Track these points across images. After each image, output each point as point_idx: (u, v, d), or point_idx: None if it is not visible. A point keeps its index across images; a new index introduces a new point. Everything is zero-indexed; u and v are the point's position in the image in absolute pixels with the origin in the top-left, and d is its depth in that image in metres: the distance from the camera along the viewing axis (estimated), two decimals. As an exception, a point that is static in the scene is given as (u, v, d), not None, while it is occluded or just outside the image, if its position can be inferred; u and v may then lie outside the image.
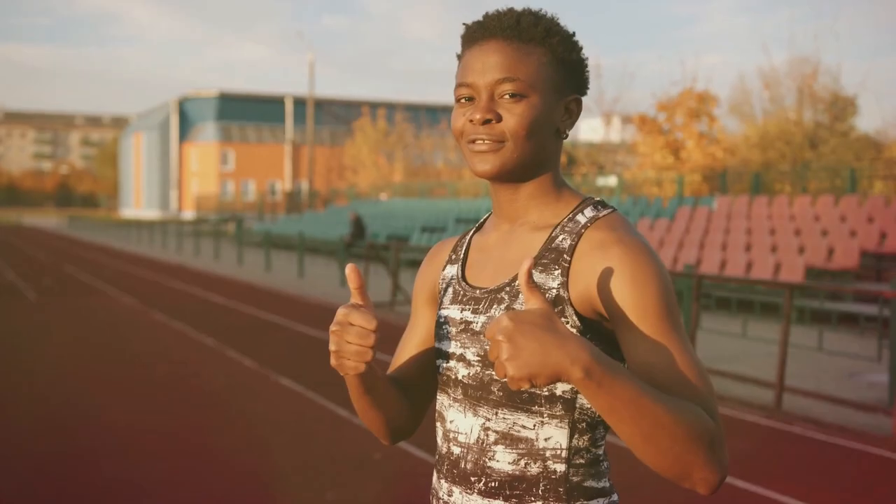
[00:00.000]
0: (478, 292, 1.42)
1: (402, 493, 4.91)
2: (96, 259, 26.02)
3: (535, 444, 1.33)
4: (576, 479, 1.34)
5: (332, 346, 1.30)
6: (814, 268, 12.31)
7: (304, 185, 58.96)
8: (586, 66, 1.43)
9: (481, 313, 1.38)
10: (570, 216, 1.39)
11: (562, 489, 1.33)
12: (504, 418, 1.35)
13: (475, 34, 1.40)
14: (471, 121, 1.36)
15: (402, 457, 5.43)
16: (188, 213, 64.45)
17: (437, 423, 1.47)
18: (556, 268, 1.34)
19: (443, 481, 1.43)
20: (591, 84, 1.50)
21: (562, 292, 1.32)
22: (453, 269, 1.51)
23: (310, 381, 7.75)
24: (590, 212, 1.38)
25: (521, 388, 1.16)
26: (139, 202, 79.98)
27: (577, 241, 1.34)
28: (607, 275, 1.28)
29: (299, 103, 66.10)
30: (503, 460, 1.35)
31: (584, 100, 1.47)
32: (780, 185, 20.89)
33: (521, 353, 1.14)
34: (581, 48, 1.42)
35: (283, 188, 60.67)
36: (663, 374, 1.25)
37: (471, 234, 1.55)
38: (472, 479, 1.37)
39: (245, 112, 71.70)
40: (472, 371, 1.39)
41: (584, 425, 1.34)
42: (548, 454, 1.33)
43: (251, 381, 8.03)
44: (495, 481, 1.35)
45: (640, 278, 1.27)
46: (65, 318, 12.39)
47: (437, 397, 1.48)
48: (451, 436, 1.42)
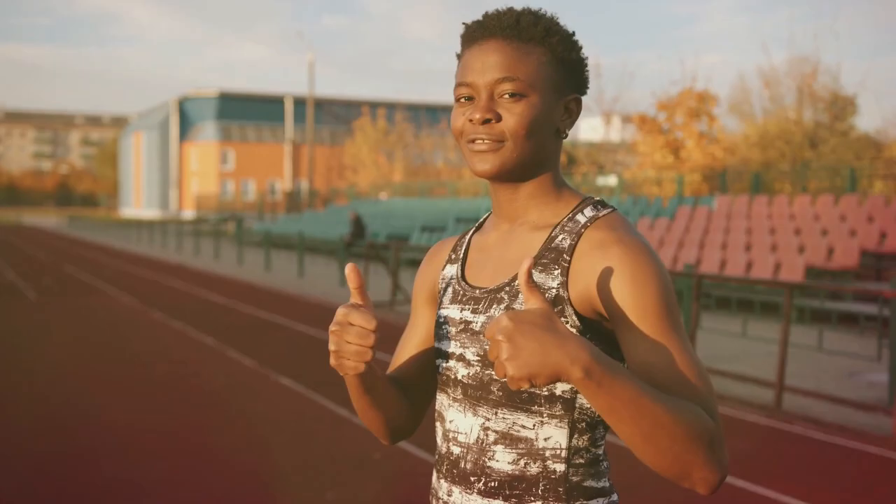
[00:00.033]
0: (477, 292, 1.41)
1: (402, 492, 4.91)
2: (96, 259, 26.02)
3: (535, 443, 1.33)
4: (575, 478, 1.34)
5: (331, 346, 1.30)
6: (814, 267, 12.31)
7: (303, 184, 58.96)
8: (586, 65, 1.43)
9: (481, 313, 1.38)
10: (570, 216, 1.39)
11: (561, 489, 1.33)
12: (504, 418, 1.35)
13: (475, 34, 1.40)
14: (470, 120, 1.36)
15: (401, 457, 5.43)
16: (188, 213, 64.44)
17: (437, 423, 1.47)
18: (556, 267, 1.34)
19: (442, 481, 1.43)
20: (591, 83, 1.50)
21: (561, 292, 1.32)
22: (453, 269, 1.51)
23: (310, 381, 7.75)
24: (589, 211, 1.38)
25: (521, 388, 1.16)
26: (139, 202, 79.99)
27: (577, 241, 1.34)
28: (607, 274, 1.28)
29: (299, 103, 66.09)
30: (503, 460, 1.35)
31: (584, 99, 1.47)
32: (779, 185, 20.91)
33: (520, 353, 1.14)
34: (581, 48, 1.42)
35: (282, 188, 60.67)
36: (663, 374, 1.25)
37: (470, 234, 1.55)
38: (472, 478, 1.37)
39: (245, 112, 71.69)
40: (471, 371, 1.38)
41: (583, 425, 1.34)
42: (547, 454, 1.33)
43: (251, 380, 8.03)
44: (495, 481, 1.35)
45: (639, 278, 1.27)
46: (65, 318, 12.39)
47: (437, 397, 1.48)
48: (451, 435, 1.41)
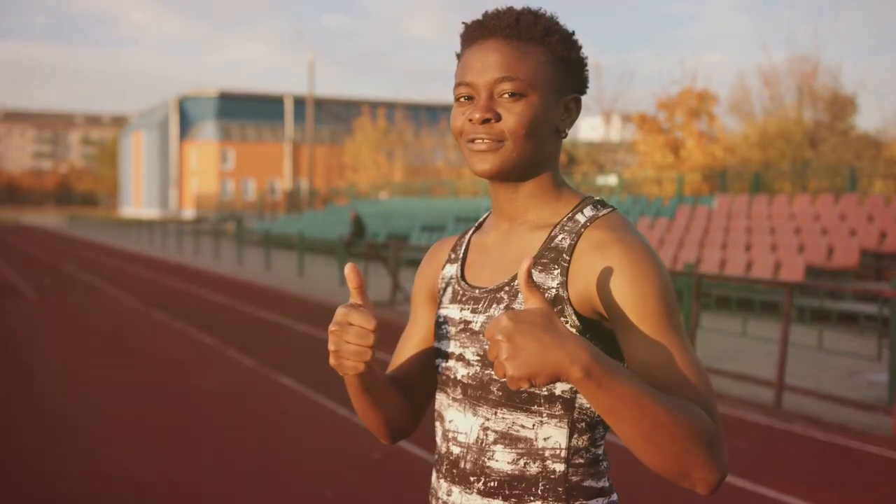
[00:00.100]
0: (477, 292, 1.41)
1: (402, 492, 4.91)
2: (96, 258, 26.02)
3: (535, 443, 1.33)
4: (575, 478, 1.34)
5: (331, 346, 1.30)
6: (814, 267, 12.31)
7: (303, 184, 58.92)
8: (586, 65, 1.43)
9: (480, 313, 1.38)
10: (570, 215, 1.38)
11: (561, 489, 1.33)
12: (503, 418, 1.35)
13: (474, 33, 1.40)
14: (470, 120, 1.36)
15: (401, 456, 5.43)
16: (188, 212, 64.42)
17: (437, 423, 1.47)
18: (556, 267, 1.33)
19: (442, 481, 1.42)
20: (591, 83, 1.50)
21: (561, 292, 1.32)
22: (452, 269, 1.51)
23: (310, 381, 7.75)
24: (589, 211, 1.38)
25: (521, 388, 1.15)
26: (139, 201, 79.98)
27: (577, 241, 1.34)
28: (607, 274, 1.28)
29: (299, 102, 66.07)
30: (502, 460, 1.34)
31: (584, 99, 1.46)
32: (779, 184, 20.90)
33: (520, 353, 1.13)
34: (580, 47, 1.41)
35: (282, 187, 60.65)
36: (663, 374, 1.25)
37: (470, 234, 1.54)
38: (472, 478, 1.37)
39: (245, 111, 71.67)
40: (471, 371, 1.38)
41: (583, 425, 1.34)
42: (547, 454, 1.33)
43: (251, 380, 8.03)
44: (494, 481, 1.35)
45: (639, 278, 1.27)
46: (64, 318, 12.39)
47: (437, 397, 1.48)
48: (451, 435, 1.41)
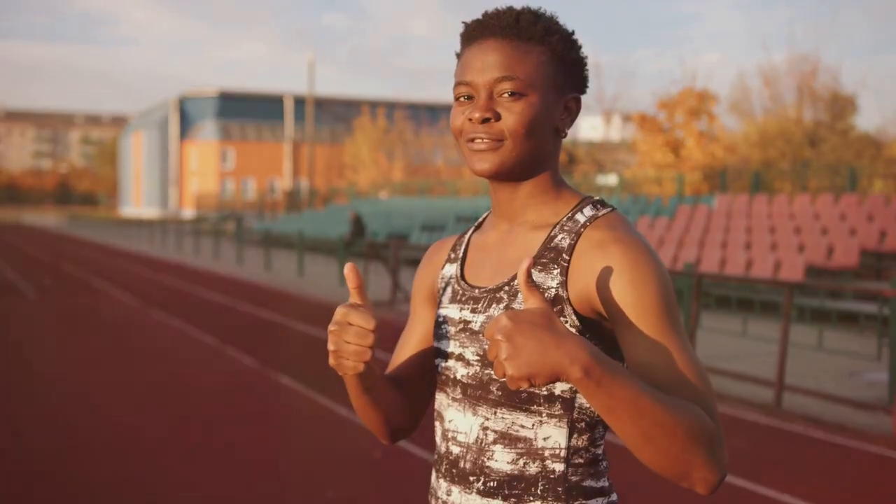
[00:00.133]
0: (477, 291, 1.41)
1: (402, 491, 4.91)
2: (96, 258, 26.02)
3: (534, 443, 1.33)
4: (575, 478, 1.34)
5: (330, 346, 1.30)
6: (814, 266, 12.32)
7: (303, 183, 58.93)
8: (585, 64, 1.43)
9: (480, 313, 1.38)
10: (570, 215, 1.38)
11: (560, 489, 1.33)
12: (503, 418, 1.34)
13: (474, 32, 1.40)
14: (470, 119, 1.36)
15: (401, 456, 5.43)
16: (188, 212, 64.44)
17: (436, 423, 1.46)
18: (555, 267, 1.33)
19: (441, 481, 1.42)
20: (591, 82, 1.50)
21: (561, 291, 1.32)
22: (452, 269, 1.51)
23: (309, 380, 7.75)
24: (589, 211, 1.38)
25: (520, 388, 1.15)
26: (139, 201, 79.98)
27: (577, 241, 1.34)
28: (606, 274, 1.28)
29: (299, 102, 66.04)
30: (502, 460, 1.34)
31: (584, 98, 1.46)
32: (780, 184, 20.92)
33: (520, 353, 1.13)
34: (580, 47, 1.41)
35: (282, 187, 60.64)
36: (662, 374, 1.24)
37: (470, 233, 1.54)
38: (471, 478, 1.37)
39: (245, 110, 71.66)
40: (470, 370, 1.38)
41: (582, 425, 1.34)
42: (546, 454, 1.33)
43: (251, 379, 8.03)
44: (494, 481, 1.35)
45: (639, 278, 1.26)
46: (64, 317, 12.39)
47: (436, 396, 1.48)
48: (450, 435, 1.41)
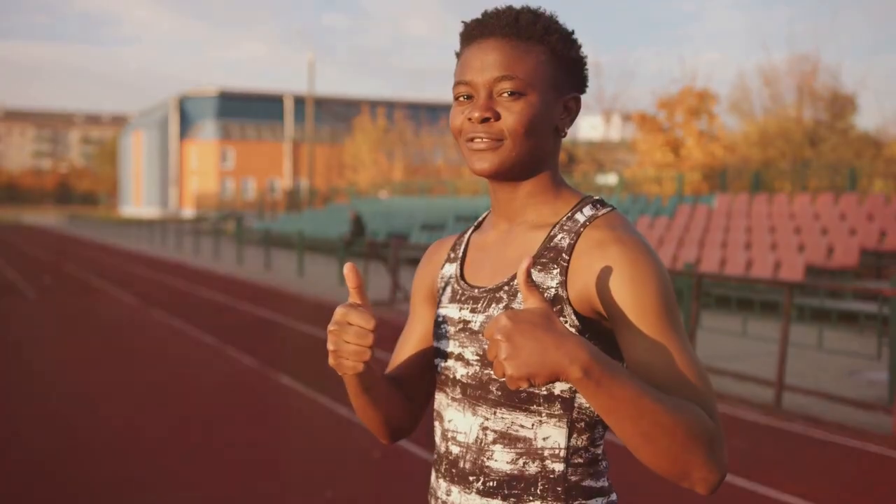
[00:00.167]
0: (476, 291, 1.41)
1: (401, 491, 4.91)
2: (96, 257, 26.02)
3: (534, 443, 1.33)
4: (574, 478, 1.34)
5: (330, 346, 1.30)
6: (814, 266, 12.32)
7: (303, 183, 58.93)
8: (585, 64, 1.43)
9: (480, 312, 1.38)
10: (569, 215, 1.38)
11: (560, 488, 1.33)
12: (502, 417, 1.34)
13: (474, 32, 1.39)
14: (469, 119, 1.35)
15: (401, 455, 5.43)
16: (188, 211, 64.43)
17: (436, 423, 1.46)
18: (555, 267, 1.33)
19: (441, 480, 1.42)
20: (591, 82, 1.50)
21: (560, 291, 1.32)
22: (452, 268, 1.51)
23: (309, 380, 7.75)
24: (588, 210, 1.38)
25: (520, 388, 1.15)
26: (139, 200, 79.96)
27: (576, 240, 1.34)
28: (606, 274, 1.27)
29: (299, 101, 66.05)
30: (501, 460, 1.34)
31: (584, 97, 1.46)
32: (779, 184, 20.92)
33: (519, 353, 1.13)
34: (580, 46, 1.41)
35: (282, 186, 60.64)
36: (662, 374, 1.24)
37: (469, 233, 1.54)
38: (471, 478, 1.37)
39: (245, 110, 71.64)
40: (470, 370, 1.38)
41: (582, 425, 1.34)
42: (546, 453, 1.33)
43: (251, 379, 8.03)
44: (493, 481, 1.35)
45: (638, 277, 1.26)
46: (64, 317, 12.39)
47: (436, 396, 1.47)
48: (450, 435, 1.41)
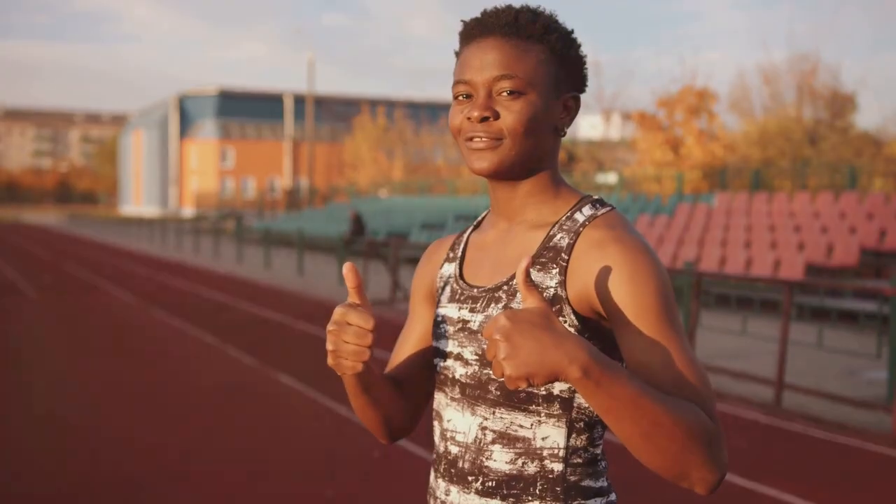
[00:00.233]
0: (475, 291, 1.41)
1: (401, 491, 4.91)
2: (96, 256, 26.01)
3: (533, 443, 1.33)
4: (573, 478, 1.33)
5: (329, 346, 1.30)
6: (813, 265, 12.31)
7: (303, 182, 58.93)
8: (585, 63, 1.43)
9: (479, 312, 1.38)
10: (569, 214, 1.38)
11: (559, 488, 1.32)
12: (501, 417, 1.34)
13: (473, 31, 1.39)
14: (469, 118, 1.35)
15: (401, 455, 5.43)
16: (188, 211, 64.42)
17: (435, 422, 1.46)
18: (554, 266, 1.33)
19: (440, 480, 1.42)
20: (591, 81, 1.50)
21: (559, 291, 1.31)
22: (451, 268, 1.51)
23: (309, 379, 7.75)
24: (588, 210, 1.38)
25: (519, 388, 1.15)
26: (139, 199, 79.97)
27: (576, 240, 1.33)
28: (605, 273, 1.27)
29: (299, 100, 66.05)
30: (500, 459, 1.34)
31: (584, 97, 1.46)
32: (779, 182, 20.93)
33: (518, 353, 1.13)
34: (579, 45, 1.41)
35: (282, 185, 60.64)
36: (661, 374, 1.24)
37: (469, 232, 1.54)
38: (470, 478, 1.36)
39: (245, 109, 71.64)
40: (469, 370, 1.38)
41: (581, 424, 1.34)
42: (545, 453, 1.33)
43: (251, 378, 8.02)
44: (493, 481, 1.34)
45: (638, 277, 1.26)
46: (64, 316, 12.38)
47: (435, 396, 1.47)
48: (449, 435, 1.41)
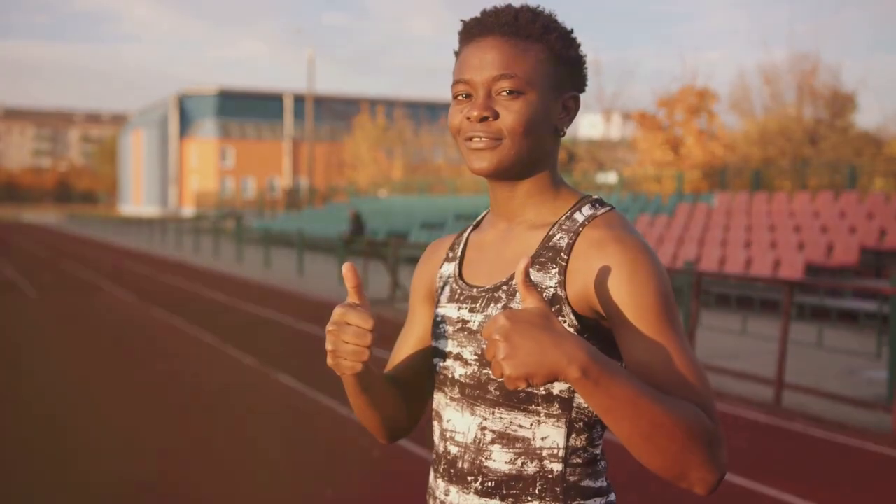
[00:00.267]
0: (475, 291, 1.41)
1: (401, 491, 4.91)
2: (96, 256, 26.01)
3: (532, 443, 1.33)
4: (573, 478, 1.33)
5: (328, 346, 1.29)
6: (813, 264, 12.31)
7: (303, 181, 58.93)
8: (584, 62, 1.42)
9: (478, 312, 1.37)
10: (568, 214, 1.38)
11: (559, 488, 1.32)
12: (501, 417, 1.34)
13: (473, 31, 1.39)
14: (468, 118, 1.35)
15: (400, 455, 5.43)
16: (187, 210, 64.41)
17: (434, 422, 1.46)
18: (554, 266, 1.33)
19: (440, 480, 1.42)
20: (591, 80, 1.50)
21: (559, 291, 1.31)
22: (450, 268, 1.50)
23: (309, 379, 7.75)
24: (587, 210, 1.37)
25: (518, 388, 1.15)
26: (138, 199, 79.97)
27: (575, 240, 1.33)
28: (605, 273, 1.27)
29: (299, 100, 66.06)
30: (500, 460, 1.34)
31: (584, 96, 1.46)
32: (779, 182, 20.93)
33: (517, 353, 1.13)
34: (579, 45, 1.40)
35: (282, 185, 60.62)
36: (661, 374, 1.24)
37: (468, 232, 1.54)
38: (469, 478, 1.36)
39: (244, 109, 71.63)
40: (469, 370, 1.38)
41: (581, 425, 1.33)
42: (545, 453, 1.32)
43: (251, 378, 8.02)
44: (492, 481, 1.34)
45: (637, 277, 1.26)
46: (64, 315, 12.38)
47: (434, 396, 1.47)
48: (449, 435, 1.41)
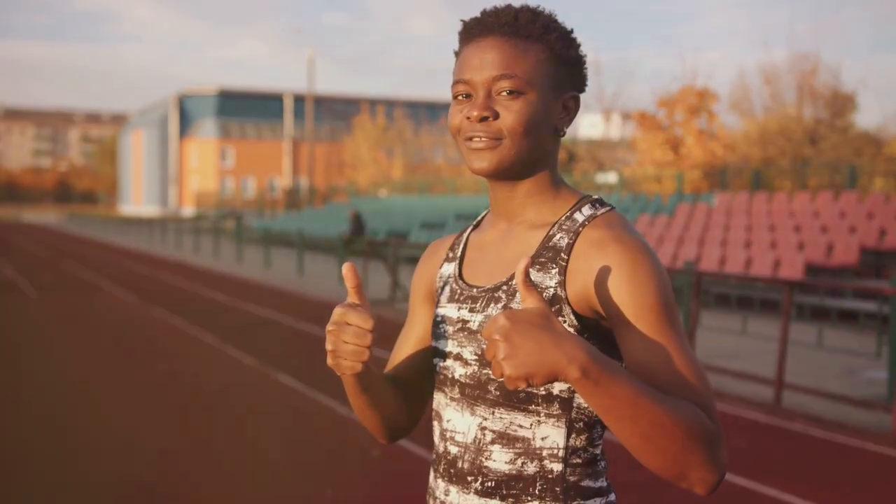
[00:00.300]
0: (475, 291, 1.41)
1: (401, 491, 4.91)
2: (96, 256, 26.01)
3: (532, 443, 1.33)
4: (573, 478, 1.33)
5: (328, 346, 1.29)
6: (813, 264, 12.31)
7: (303, 181, 58.92)
8: (584, 63, 1.42)
9: (478, 312, 1.37)
10: (568, 214, 1.38)
11: (559, 489, 1.32)
12: (501, 417, 1.34)
13: (473, 31, 1.39)
14: (468, 118, 1.35)
15: (401, 455, 5.43)
16: (187, 210, 64.40)
17: (434, 422, 1.46)
18: (554, 266, 1.33)
19: (440, 480, 1.42)
20: (591, 80, 1.50)
21: (559, 291, 1.31)
22: (450, 268, 1.50)
23: (309, 379, 7.75)
24: (587, 210, 1.37)
25: (518, 388, 1.15)
26: (138, 199, 79.97)
27: (575, 240, 1.33)
28: (605, 273, 1.27)
29: (299, 100, 66.06)
30: (500, 460, 1.34)
31: (584, 96, 1.46)
32: (779, 182, 20.93)
33: (517, 353, 1.13)
34: (579, 45, 1.40)
35: (282, 185, 60.61)
36: (661, 374, 1.24)
37: (468, 232, 1.54)
38: (469, 478, 1.36)
39: (244, 109, 71.63)
40: (469, 370, 1.38)
41: (581, 425, 1.33)
42: (545, 453, 1.32)
43: (251, 378, 8.02)
44: (492, 481, 1.34)
45: (637, 277, 1.26)
46: (64, 315, 12.39)
47: (434, 396, 1.47)
48: (449, 435, 1.41)
